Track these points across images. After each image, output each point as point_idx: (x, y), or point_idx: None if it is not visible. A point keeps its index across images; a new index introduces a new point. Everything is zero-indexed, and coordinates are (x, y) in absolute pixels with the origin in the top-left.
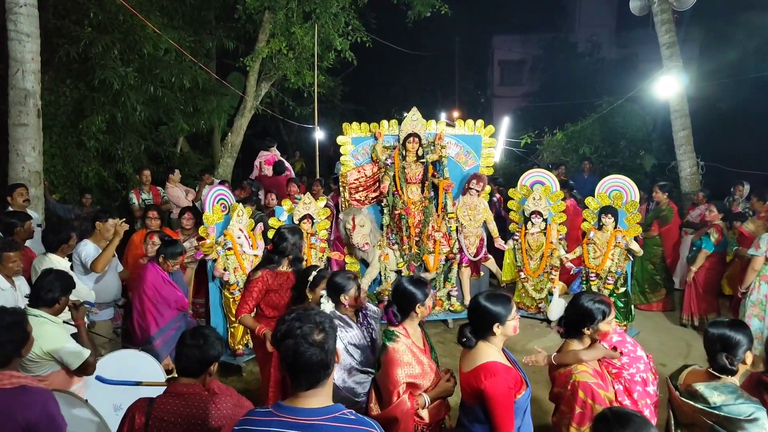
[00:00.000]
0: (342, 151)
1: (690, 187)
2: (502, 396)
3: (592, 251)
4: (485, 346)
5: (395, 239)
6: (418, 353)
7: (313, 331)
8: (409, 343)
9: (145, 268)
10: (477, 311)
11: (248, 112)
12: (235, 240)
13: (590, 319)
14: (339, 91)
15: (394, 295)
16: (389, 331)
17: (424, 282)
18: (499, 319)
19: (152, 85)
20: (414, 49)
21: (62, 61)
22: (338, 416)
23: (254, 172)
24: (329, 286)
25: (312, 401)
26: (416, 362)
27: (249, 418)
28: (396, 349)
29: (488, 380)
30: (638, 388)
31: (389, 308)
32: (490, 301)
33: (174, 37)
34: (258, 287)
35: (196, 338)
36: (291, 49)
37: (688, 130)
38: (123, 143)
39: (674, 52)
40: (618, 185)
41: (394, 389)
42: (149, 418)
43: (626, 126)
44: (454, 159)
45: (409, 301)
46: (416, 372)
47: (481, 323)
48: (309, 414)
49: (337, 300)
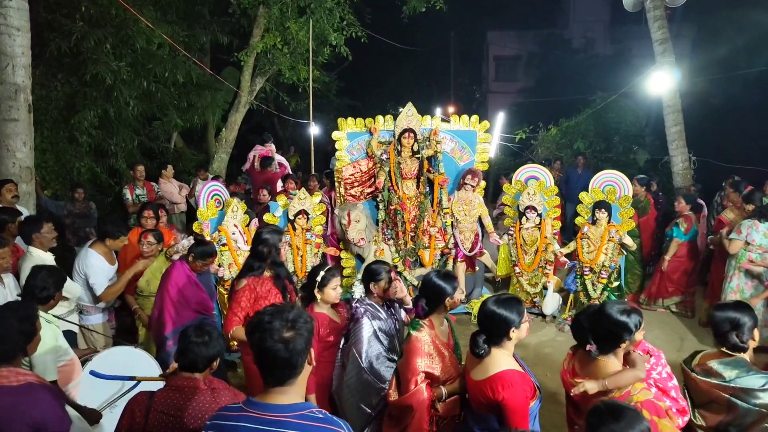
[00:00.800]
0: (337, 147)
1: (682, 181)
2: (521, 407)
3: (586, 246)
4: (499, 353)
5: (391, 234)
6: (441, 346)
7: (282, 328)
8: (433, 335)
9: (173, 266)
10: (491, 318)
11: (243, 107)
12: (230, 236)
13: (628, 331)
14: (334, 86)
15: (424, 289)
16: (415, 321)
17: (452, 276)
18: (514, 324)
19: (145, 80)
20: (409, 44)
21: (53, 56)
22: (306, 414)
23: (246, 165)
24: (365, 271)
25: (281, 398)
26: (437, 354)
27: (221, 413)
28: (419, 338)
29: (506, 391)
30: (670, 384)
31: (418, 302)
32: (503, 307)
33: (167, 31)
34: (246, 296)
35: (202, 335)
36: (286, 44)
37: (681, 125)
38: (116, 138)
39: (667, 48)
40: (611, 180)
41: (412, 377)
42: (149, 411)
43: (620, 121)
44: (449, 154)
45: (439, 294)
46: (436, 364)
47: (496, 330)
48: (277, 410)
49: (367, 287)
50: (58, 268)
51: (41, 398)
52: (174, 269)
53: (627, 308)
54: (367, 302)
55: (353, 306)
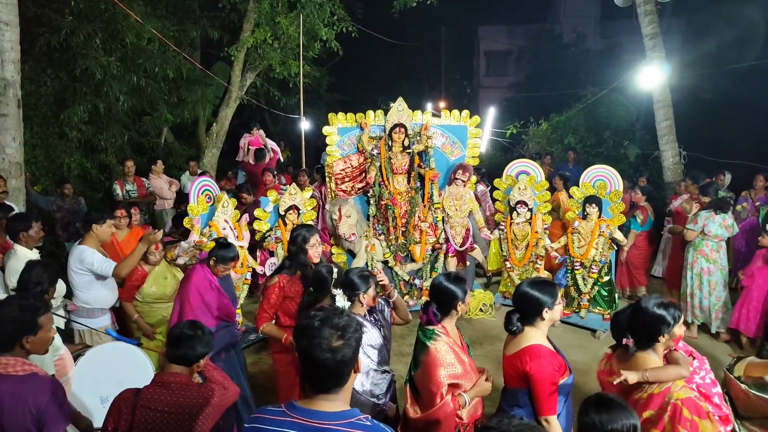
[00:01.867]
0: (328, 142)
1: (672, 176)
2: (546, 378)
3: (577, 240)
4: (531, 330)
5: (382, 230)
6: (460, 352)
7: (331, 337)
8: (450, 342)
9: (193, 270)
10: (525, 299)
11: (233, 102)
12: (221, 231)
13: (666, 325)
14: (325, 81)
15: (434, 293)
16: (429, 330)
17: (463, 279)
18: (547, 305)
19: (135, 75)
20: (400, 39)
21: (43, 51)
22: (354, 422)
23: (240, 154)
24: (345, 284)
25: (327, 405)
26: (458, 361)
27: (260, 416)
28: (438, 348)
29: (533, 362)
30: (714, 390)
31: (429, 307)
32: (538, 288)
33: (157, 26)
34: (275, 293)
35: (195, 329)
36: (276, 39)
37: (671, 120)
38: (106, 134)
39: (657, 42)
40: (602, 175)
41: (437, 391)
42: (136, 408)
43: (610, 116)
44: (440, 149)
45: (450, 299)
46: (458, 372)
47: (529, 310)
48: (324, 417)
49: (354, 299)
50: (53, 264)
51: (44, 388)
52: (194, 273)
53: (664, 302)
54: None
55: None
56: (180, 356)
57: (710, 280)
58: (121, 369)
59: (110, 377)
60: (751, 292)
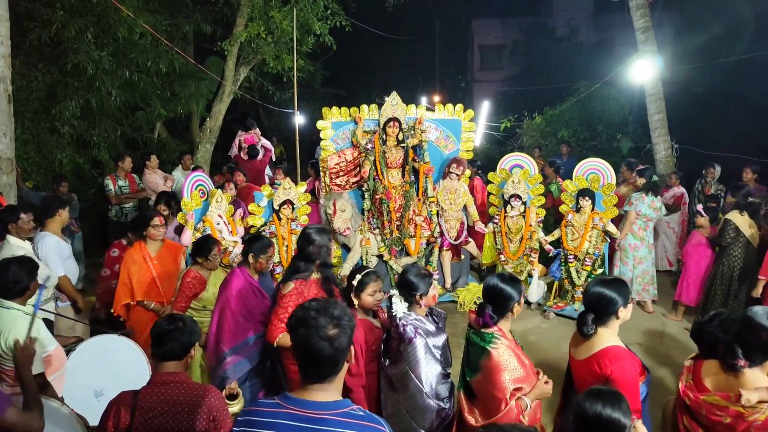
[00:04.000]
0: (322, 136)
1: (665, 169)
2: (629, 381)
3: (570, 233)
4: (604, 331)
5: (376, 224)
6: (521, 354)
7: (327, 325)
8: (512, 345)
9: (232, 274)
10: (600, 299)
11: (227, 96)
12: (214, 226)
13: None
14: (319, 75)
15: (489, 295)
16: (488, 334)
17: (518, 280)
18: (622, 304)
19: (128, 70)
20: (394, 33)
21: (33, 45)
22: (347, 411)
23: (233, 150)
24: (403, 284)
25: (320, 395)
26: (520, 365)
27: (254, 409)
28: (500, 353)
29: (614, 365)
30: None
31: (485, 310)
32: (613, 288)
33: (149, 20)
34: (294, 301)
35: (175, 322)
36: (269, 33)
37: (663, 113)
38: (98, 129)
39: (649, 36)
40: (595, 168)
41: (502, 396)
42: (135, 409)
43: (603, 110)
44: (434, 143)
45: (507, 300)
46: (521, 375)
47: (604, 310)
48: (317, 407)
49: (412, 300)
50: (27, 258)
51: None
52: (233, 277)
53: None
54: (414, 317)
55: (400, 324)
56: (168, 352)
57: (635, 255)
58: (115, 361)
59: (104, 370)
60: (689, 267)
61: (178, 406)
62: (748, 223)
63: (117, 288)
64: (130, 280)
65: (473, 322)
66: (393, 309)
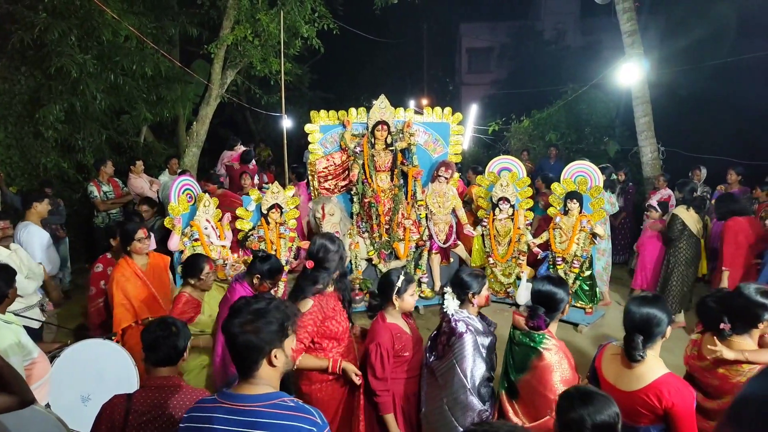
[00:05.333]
0: (310, 140)
1: (651, 171)
2: (692, 411)
3: (558, 236)
4: (652, 356)
5: (365, 227)
6: (570, 356)
7: (244, 320)
8: (563, 347)
9: (232, 291)
10: (650, 320)
11: (213, 100)
12: (202, 231)
13: (766, 311)
14: (307, 78)
15: (541, 297)
16: (539, 335)
17: (565, 281)
18: (668, 323)
19: (112, 73)
20: (382, 36)
21: (16, 48)
22: (277, 403)
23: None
24: (456, 284)
25: (251, 389)
26: (568, 366)
27: (197, 406)
28: (552, 353)
29: (676, 396)
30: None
31: (537, 312)
32: (659, 307)
33: (134, 23)
34: (314, 318)
35: (167, 328)
36: (256, 36)
37: (650, 116)
38: (83, 133)
39: (636, 39)
40: (583, 171)
41: (553, 397)
42: (128, 413)
43: (591, 113)
44: (422, 146)
45: (559, 302)
46: (569, 376)
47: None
48: (249, 400)
49: (465, 298)
50: (3, 264)
51: None
52: (234, 293)
53: (764, 289)
54: (466, 315)
55: (451, 319)
56: (162, 358)
57: (599, 248)
58: (100, 365)
59: (90, 374)
60: (645, 256)
61: (171, 410)
62: (693, 218)
63: (115, 311)
64: (128, 300)
65: (519, 324)
66: (445, 305)
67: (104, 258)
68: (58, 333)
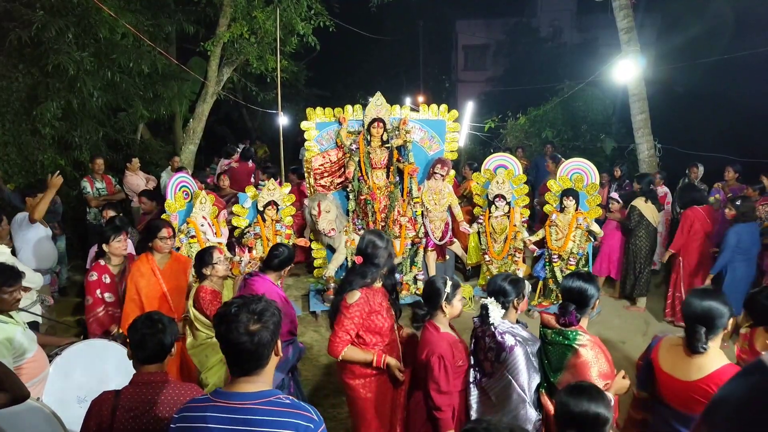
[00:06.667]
0: (306, 137)
1: (648, 169)
2: None
3: (555, 233)
4: (712, 348)
5: (361, 224)
6: (605, 349)
7: (248, 321)
8: (596, 340)
9: (254, 282)
10: (711, 312)
11: (210, 97)
12: (199, 228)
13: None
14: (303, 76)
15: (570, 294)
16: (572, 333)
17: (594, 276)
18: (730, 315)
19: (109, 71)
20: (378, 33)
21: (14, 46)
22: (273, 400)
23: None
24: (496, 291)
25: (248, 386)
26: (605, 360)
27: (189, 405)
28: (588, 349)
29: None
30: None
31: (568, 309)
32: (720, 300)
33: (131, 20)
34: (360, 311)
35: (154, 325)
36: (253, 34)
37: (646, 113)
38: (80, 130)
39: (632, 36)
40: (579, 168)
41: None
42: (116, 409)
43: (587, 110)
44: (418, 144)
45: (590, 298)
46: (607, 370)
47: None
48: (244, 398)
49: (508, 306)
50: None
51: None
52: (256, 284)
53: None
54: (509, 326)
55: (497, 333)
56: (150, 356)
57: None
58: (102, 367)
59: (90, 376)
60: (607, 246)
61: (160, 405)
62: (651, 209)
63: (125, 305)
64: (139, 296)
65: (549, 323)
66: (490, 317)
67: (98, 266)
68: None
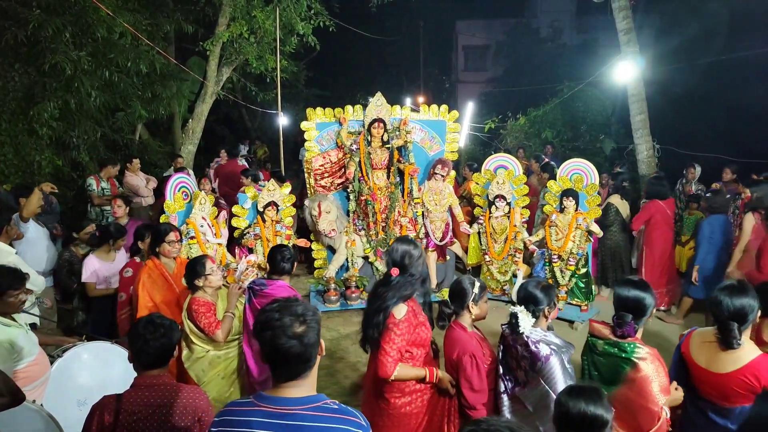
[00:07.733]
0: (306, 137)
1: (647, 169)
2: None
3: (554, 233)
4: (746, 340)
5: (362, 225)
6: (662, 361)
7: (293, 324)
8: (657, 354)
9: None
10: (743, 308)
11: (209, 97)
12: (198, 229)
13: None
14: (303, 76)
15: (626, 304)
16: (629, 345)
17: (646, 283)
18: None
19: (107, 70)
20: (378, 33)
21: (10, 45)
22: (320, 406)
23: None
24: (526, 299)
25: (294, 391)
26: (665, 373)
27: (230, 409)
28: (648, 363)
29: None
30: None
31: (625, 320)
32: (750, 295)
33: (129, 20)
34: (409, 324)
35: (156, 330)
36: (252, 33)
37: (645, 114)
38: (78, 130)
39: (631, 37)
40: (579, 169)
41: (657, 409)
42: (119, 413)
43: (587, 110)
44: (419, 144)
45: (648, 308)
46: (666, 383)
47: (747, 317)
48: (290, 403)
49: (539, 314)
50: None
51: None
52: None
53: None
54: (542, 334)
55: (530, 342)
56: (153, 362)
57: None
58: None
59: (92, 380)
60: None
61: (162, 408)
62: (624, 205)
63: (139, 314)
64: (153, 303)
65: (600, 332)
66: (520, 326)
67: (133, 262)
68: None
